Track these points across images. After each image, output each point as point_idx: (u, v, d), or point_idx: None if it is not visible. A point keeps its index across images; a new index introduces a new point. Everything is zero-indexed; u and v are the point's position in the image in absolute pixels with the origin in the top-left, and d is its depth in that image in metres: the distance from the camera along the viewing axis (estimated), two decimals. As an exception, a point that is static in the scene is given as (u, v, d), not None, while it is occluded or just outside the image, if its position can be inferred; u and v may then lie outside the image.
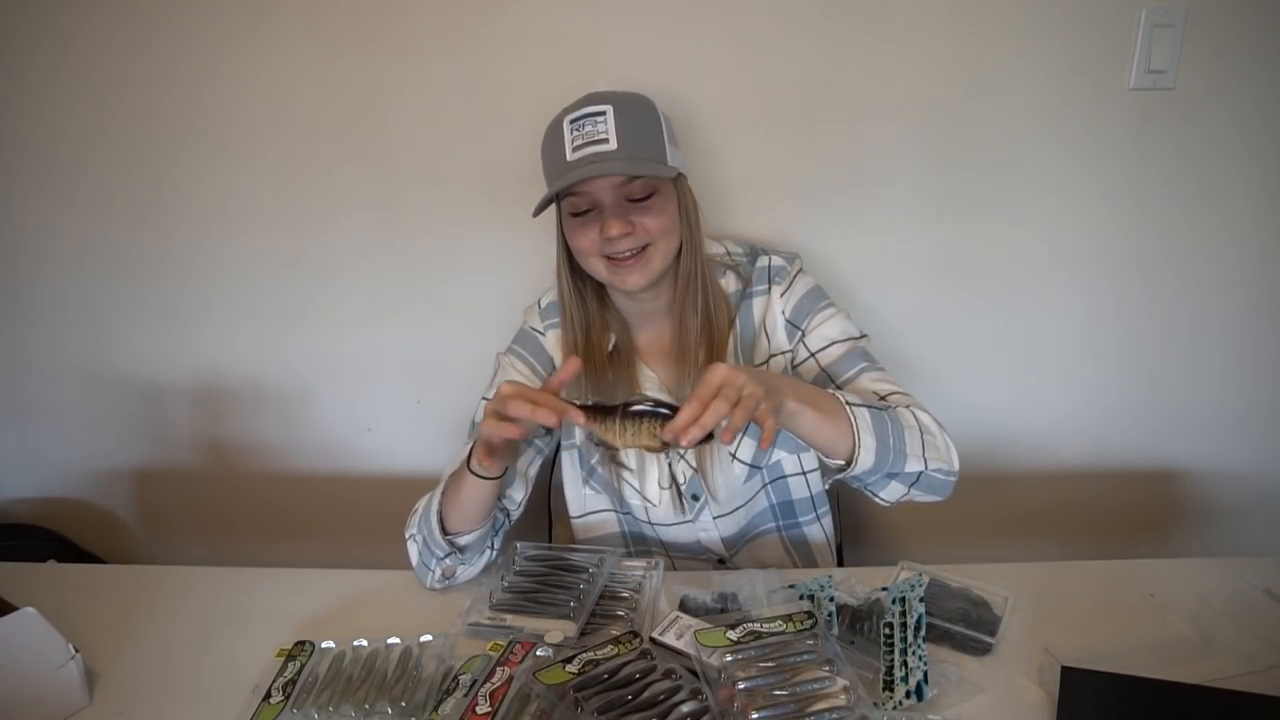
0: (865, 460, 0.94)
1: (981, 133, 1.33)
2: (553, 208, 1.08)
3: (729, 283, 1.15)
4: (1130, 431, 1.50)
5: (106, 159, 1.38)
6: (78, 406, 1.53)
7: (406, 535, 1.07)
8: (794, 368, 1.14)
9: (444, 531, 1.02)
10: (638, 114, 1.03)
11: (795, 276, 1.14)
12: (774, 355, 1.13)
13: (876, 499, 1.03)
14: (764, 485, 1.18)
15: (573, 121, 1.01)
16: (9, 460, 1.57)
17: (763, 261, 1.15)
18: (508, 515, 1.14)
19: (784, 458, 1.17)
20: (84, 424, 1.54)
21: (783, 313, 1.13)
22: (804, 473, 1.18)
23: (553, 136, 1.04)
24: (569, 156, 1.00)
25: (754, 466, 1.14)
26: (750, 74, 1.29)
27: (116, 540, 1.60)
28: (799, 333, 1.13)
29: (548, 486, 1.40)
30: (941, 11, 1.27)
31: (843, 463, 0.95)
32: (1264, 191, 1.36)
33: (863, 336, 1.13)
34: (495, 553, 1.10)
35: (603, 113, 1.00)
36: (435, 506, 1.03)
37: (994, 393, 1.47)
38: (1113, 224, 1.38)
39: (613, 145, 0.98)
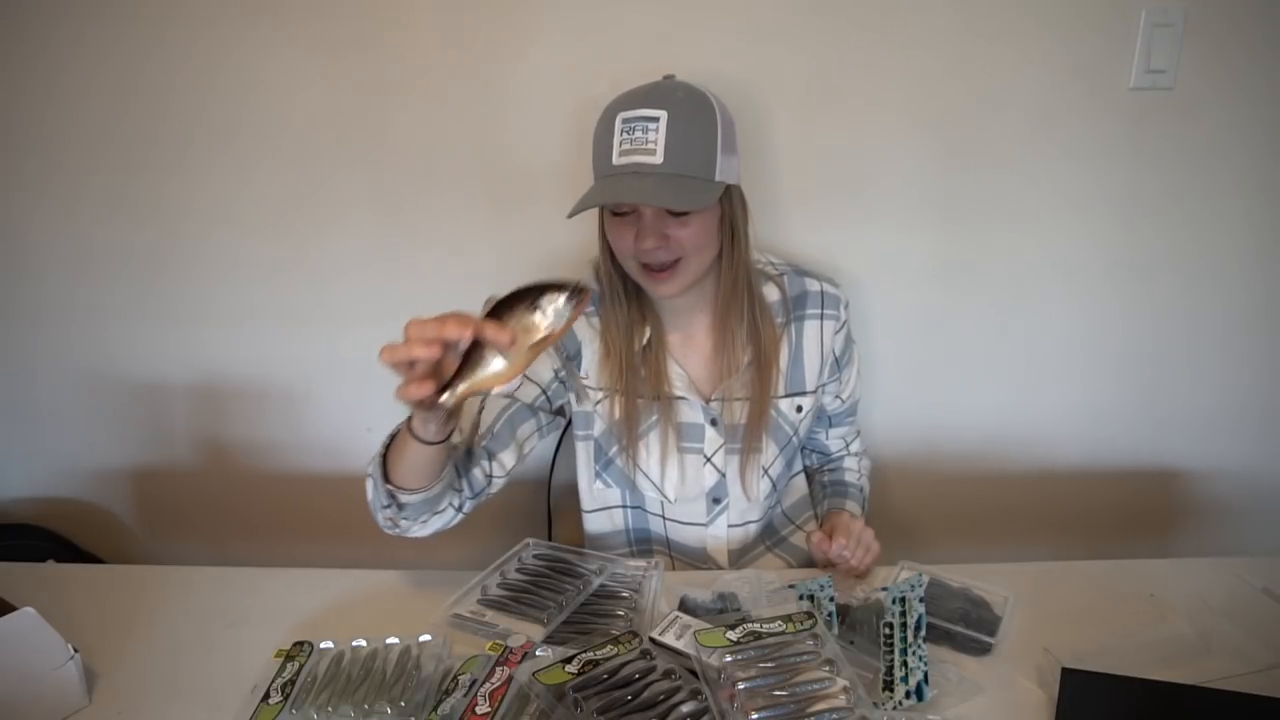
0: None
1: (982, 133, 1.33)
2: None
3: (770, 292, 1.15)
4: (1129, 431, 1.50)
5: (109, 160, 1.38)
6: (78, 406, 1.53)
7: (366, 470, 0.99)
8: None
9: (386, 479, 0.94)
10: (692, 122, 0.98)
11: (848, 315, 1.20)
12: (822, 385, 1.19)
13: None
14: (777, 503, 1.22)
15: (625, 121, 0.98)
16: (9, 460, 1.57)
17: (813, 285, 1.18)
18: (489, 480, 1.07)
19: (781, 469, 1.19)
20: (84, 424, 1.54)
21: (834, 350, 1.19)
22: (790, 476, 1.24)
23: (605, 128, 1.01)
24: (614, 159, 0.98)
25: (775, 486, 1.19)
26: (750, 75, 1.29)
27: (116, 540, 1.60)
28: (837, 374, 1.22)
29: (548, 485, 1.41)
30: (942, 12, 1.27)
31: None
32: (1263, 191, 1.36)
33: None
34: (460, 515, 1.03)
35: (655, 119, 0.96)
36: (380, 451, 0.95)
37: (992, 393, 1.47)
38: (1111, 224, 1.38)
39: (658, 159, 0.96)
